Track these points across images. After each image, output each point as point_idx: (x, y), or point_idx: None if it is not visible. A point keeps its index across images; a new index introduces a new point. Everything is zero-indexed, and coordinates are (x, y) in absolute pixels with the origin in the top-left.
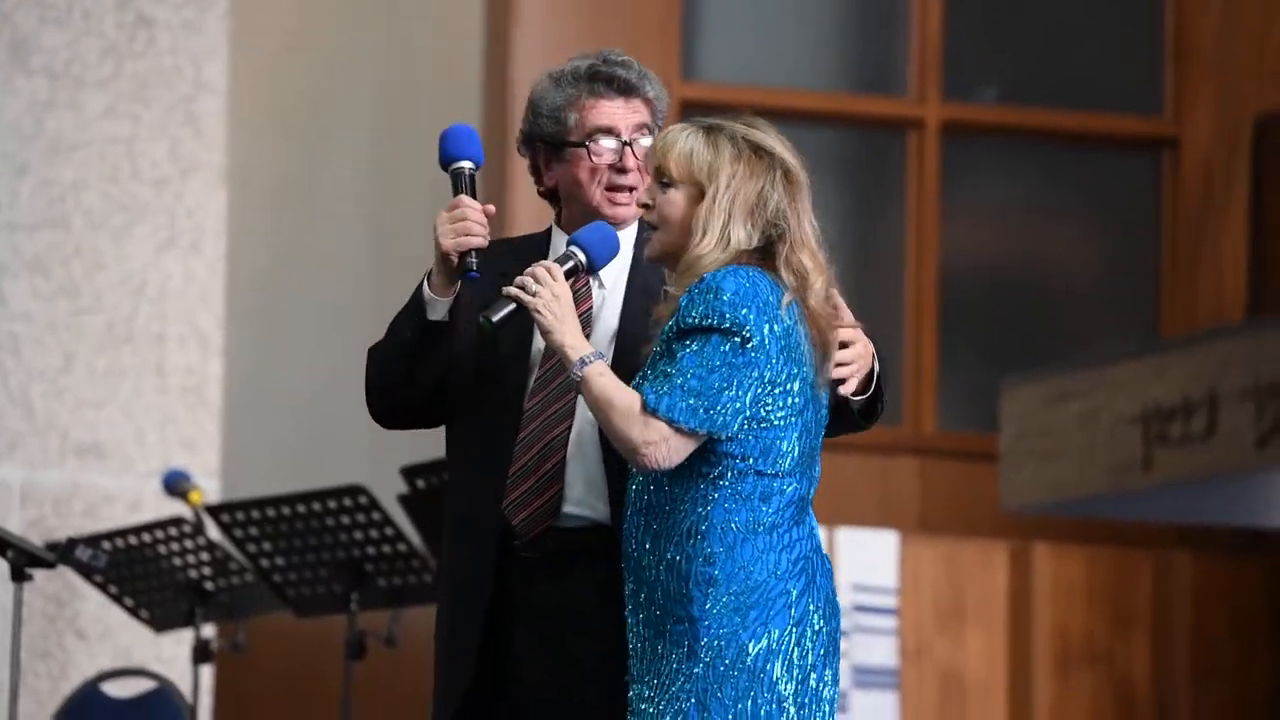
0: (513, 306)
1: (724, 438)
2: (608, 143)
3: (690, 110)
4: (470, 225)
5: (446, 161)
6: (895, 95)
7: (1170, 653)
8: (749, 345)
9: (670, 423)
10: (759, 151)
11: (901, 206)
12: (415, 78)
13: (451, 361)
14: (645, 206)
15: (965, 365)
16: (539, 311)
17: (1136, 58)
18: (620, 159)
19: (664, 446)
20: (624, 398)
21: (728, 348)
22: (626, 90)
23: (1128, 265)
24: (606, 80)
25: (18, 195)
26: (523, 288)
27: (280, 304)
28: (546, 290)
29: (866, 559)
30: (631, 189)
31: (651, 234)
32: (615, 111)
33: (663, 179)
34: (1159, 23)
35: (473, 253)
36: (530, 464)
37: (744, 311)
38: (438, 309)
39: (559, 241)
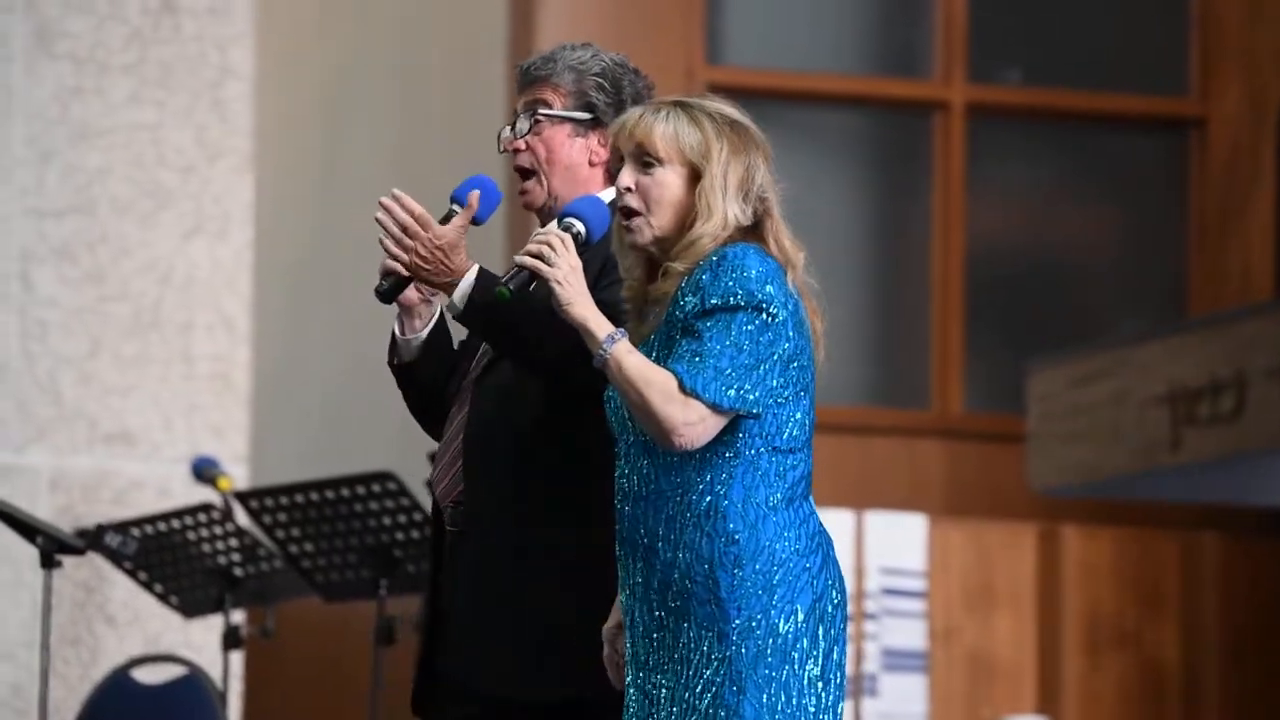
0: (529, 276)
1: (750, 416)
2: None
3: (717, 95)
4: (411, 250)
5: (456, 196)
6: (920, 77)
7: (1199, 633)
8: (774, 321)
9: (708, 403)
10: (736, 127)
11: (927, 188)
12: (439, 62)
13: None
14: (627, 190)
15: (992, 347)
16: (559, 283)
17: (1162, 38)
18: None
19: (701, 427)
20: (661, 377)
21: (753, 326)
22: (522, 79)
23: (1154, 246)
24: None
25: (44, 181)
26: (539, 256)
27: (307, 290)
28: (564, 261)
29: (895, 542)
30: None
31: (636, 219)
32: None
33: (644, 159)
34: (1184, 2)
35: (391, 276)
36: (450, 437)
37: (769, 288)
38: (405, 350)
39: None
